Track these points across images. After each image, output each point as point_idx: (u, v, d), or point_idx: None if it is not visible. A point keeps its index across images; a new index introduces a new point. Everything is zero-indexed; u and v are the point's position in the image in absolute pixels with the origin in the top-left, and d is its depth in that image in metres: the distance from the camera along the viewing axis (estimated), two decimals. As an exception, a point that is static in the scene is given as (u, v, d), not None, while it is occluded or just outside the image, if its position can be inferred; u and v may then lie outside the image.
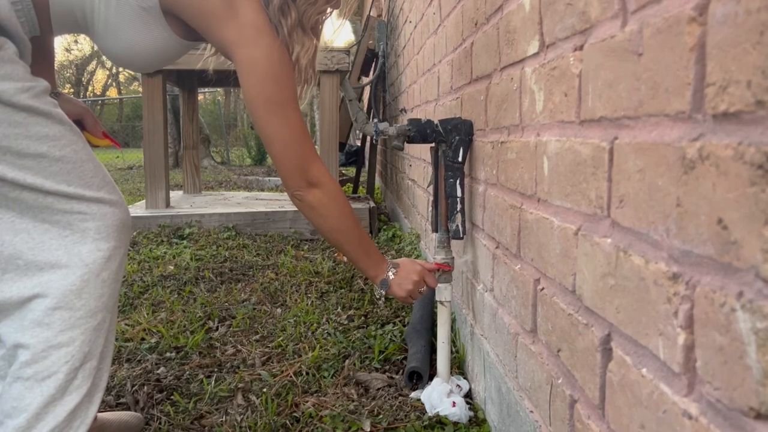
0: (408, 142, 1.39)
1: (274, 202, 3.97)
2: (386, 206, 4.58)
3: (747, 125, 0.43)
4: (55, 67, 1.19)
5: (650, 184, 0.57)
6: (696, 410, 0.51)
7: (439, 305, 1.40)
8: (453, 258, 1.41)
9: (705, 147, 0.48)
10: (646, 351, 0.59)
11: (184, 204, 3.80)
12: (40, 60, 1.09)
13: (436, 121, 1.38)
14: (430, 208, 1.50)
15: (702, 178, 0.49)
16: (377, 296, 1.27)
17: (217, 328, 1.88)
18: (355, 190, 4.98)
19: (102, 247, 0.96)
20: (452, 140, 1.35)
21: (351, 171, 7.37)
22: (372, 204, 3.69)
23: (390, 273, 1.24)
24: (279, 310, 2.03)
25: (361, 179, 5.74)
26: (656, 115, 0.56)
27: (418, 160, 2.49)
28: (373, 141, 1.51)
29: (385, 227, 3.44)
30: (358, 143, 9.49)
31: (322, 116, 3.49)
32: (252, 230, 3.29)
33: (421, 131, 1.37)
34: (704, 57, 0.48)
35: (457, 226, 1.36)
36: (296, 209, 3.52)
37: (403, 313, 1.92)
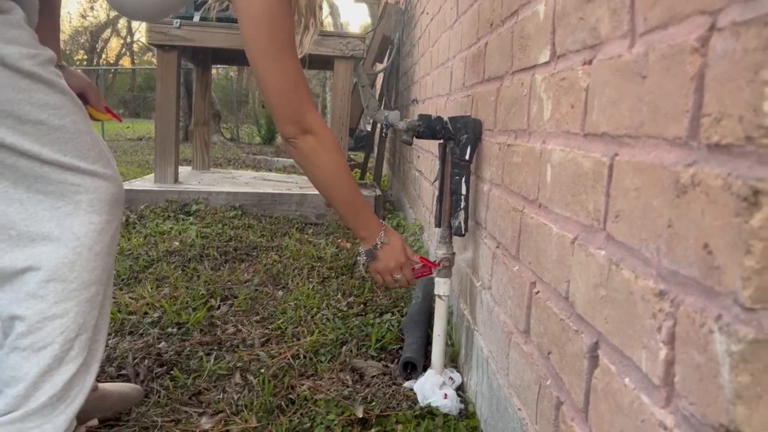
0: (417, 137, 1.41)
1: (282, 183, 4.00)
2: (392, 194, 4.59)
3: (737, 158, 0.45)
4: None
5: (645, 203, 0.60)
6: (671, 422, 0.54)
7: (437, 299, 1.43)
8: (454, 254, 1.44)
9: (697, 174, 0.50)
10: (629, 362, 0.62)
11: (192, 180, 3.83)
12: (47, 25, 1.09)
13: (445, 118, 1.40)
14: (435, 203, 1.53)
15: (693, 204, 0.51)
16: (360, 260, 1.30)
17: (218, 307, 1.92)
18: (362, 176, 4.99)
19: (94, 220, 0.98)
20: (461, 138, 1.37)
21: (360, 156, 7.39)
22: (378, 191, 3.71)
23: (378, 242, 1.26)
24: (280, 292, 2.07)
25: (369, 165, 5.74)
26: (655, 137, 0.58)
27: (427, 152, 2.51)
28: (383, 134, 1.54)
29: (389, 216, 3.46)
30: (369, 128, 9.48)
31: (334, 100, 3.50)
32: (258, 211, 3.32)
33: (430, 127, 1.39)
34: (703, 87, 0.50)
35: (460, 222, 1.38)
36: (303, 192, 3.57)
37: (402, 304, 1.95)
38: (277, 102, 1.06)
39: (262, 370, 1.48)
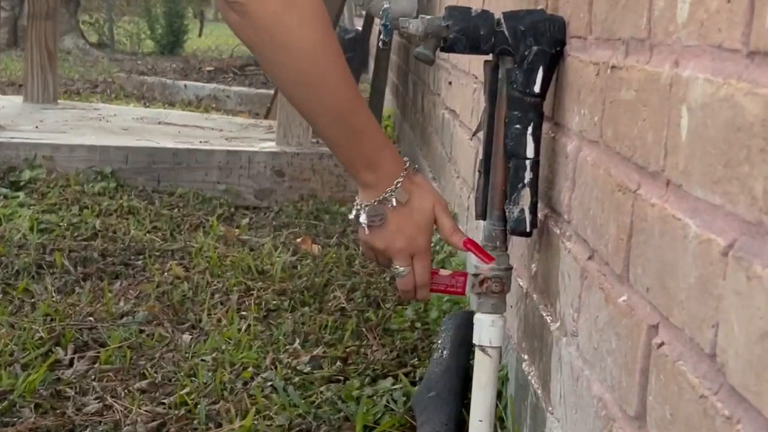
0: (444, 50, 1.42)
1: (192, 131, 4.00)
2: (401, 150, 4.59)
3: None
4: None
5: None
6: None
7: (478, 352, 1.45)
8: (510, 268, 1.45)
9: None
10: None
11: (23, 122, 3.85)
12: None
13: (498, 15, 1.41)
14: (477, 173, 1.54)
15: None
16: (352, 217, 1.34)
17: (71, 363, 1.93)
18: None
19: None
20: (525, 52, 1.37)
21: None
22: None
23: (391, 197, 1.30)
24: (187, 336, 2.08)
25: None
26: None
27: (466, 74, 2.51)
28: (379, 42, 1.55)
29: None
30: (359, 27, 9.43)
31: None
32: (147, 182, 3.34)
33: (468, 31, 1.39)
34: None
35: (522, 211, 1.39)
36: (232, 147, 3.57)
37: (415, 360, 1.97)
38: None
39: (151, 482, 1.49)
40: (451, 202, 2.73)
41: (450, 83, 2.87)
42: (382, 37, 1.45)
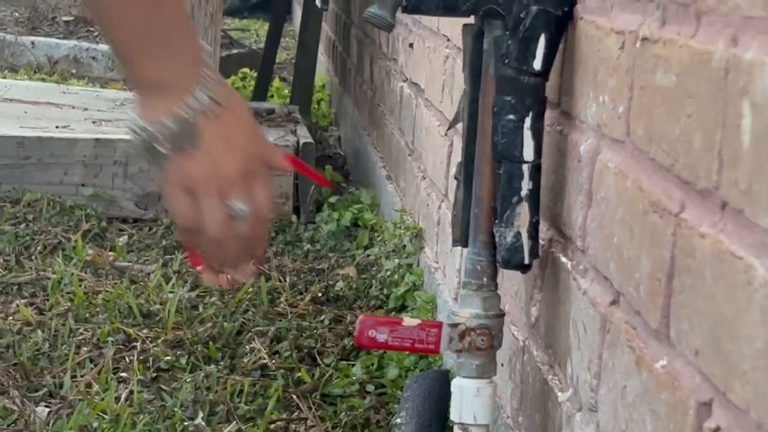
0: (407, 11, 1.43)
1: (45, 110, 3.94)
2: (343, 140, 4.59)
3: None
4: None
5: None
6: None
7: (457, 433, 1.45)
8: (501, 315, 1.46)
9: None
10: None
11: None
12: None
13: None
14: (455, 183, 1.54)
15: None
16: (133, 150, 1.20)
17: None
18: (260, 89, 4.96)
19: None
20: (521, 13, 1.38)
21: (259, 27, 7.43)
22: (304, 133, 3.69)
23: (205, 96, 1.16)
24: (43, 409, 2.07)
25: (283, 57, 5.71)
26: None
27: (434, 34, 2.52)
28: (316, 1, 1.53)
29: (333, 200, 3.47)
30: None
31: None
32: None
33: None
34: None
35: (518, 235, 1.40)
36: (99, 134, 3.52)
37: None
38: None
39: None
40: (416, 212, 2.73)
41: (411, 45, 2.87)
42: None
